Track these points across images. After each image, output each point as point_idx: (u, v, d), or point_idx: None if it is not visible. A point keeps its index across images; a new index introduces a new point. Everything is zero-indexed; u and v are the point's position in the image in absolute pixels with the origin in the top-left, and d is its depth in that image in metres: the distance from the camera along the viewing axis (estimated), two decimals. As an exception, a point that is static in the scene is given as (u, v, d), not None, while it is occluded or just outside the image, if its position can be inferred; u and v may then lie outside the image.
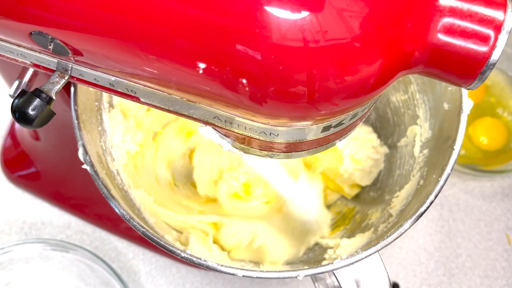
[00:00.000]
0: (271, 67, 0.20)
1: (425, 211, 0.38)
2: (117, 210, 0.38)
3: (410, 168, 0.47)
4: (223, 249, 0.51)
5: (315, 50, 0.20)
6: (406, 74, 0.23)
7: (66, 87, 0.35)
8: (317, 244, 0.52)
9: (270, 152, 0.28)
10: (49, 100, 0.26)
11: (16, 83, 0.39)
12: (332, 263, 0.37)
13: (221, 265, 0.37)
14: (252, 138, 0.26)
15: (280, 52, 0.19)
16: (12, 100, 0.28)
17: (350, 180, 0.53)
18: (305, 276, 0.37)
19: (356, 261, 0.37)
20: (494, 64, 0.22)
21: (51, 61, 0.26)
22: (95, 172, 0.39)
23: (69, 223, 0.59)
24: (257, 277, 0.37)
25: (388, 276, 0.38)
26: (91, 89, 0.42)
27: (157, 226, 0.45)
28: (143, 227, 0.37)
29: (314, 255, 0.50)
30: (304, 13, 0.19)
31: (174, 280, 0.58)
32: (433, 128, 0.45)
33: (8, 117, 0.63)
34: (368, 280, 0.38)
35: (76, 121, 0.38)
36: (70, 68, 0.26)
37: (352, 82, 0.21)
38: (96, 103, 0.44)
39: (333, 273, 0.38)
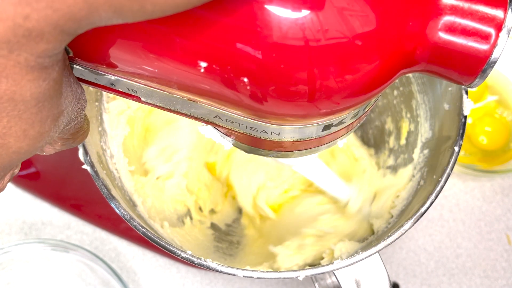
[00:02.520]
0: (272, 65, 0.20)
1: (425, 211, 0.38)
2: (117, 210, 0.38)
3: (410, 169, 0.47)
4: None
5: (316, 49, 0.20)
6: (407, 72, 0.23)
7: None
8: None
9: (271, 151, 0.28)
10: None
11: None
12: (332, 263, 0.37)
13: (221, 265, 0.37)
14: (253, 137, 0.26)
15: (281, 51, 0.20)
16: None
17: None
18: (305, 276, 0.37)
19: (356, 261, 0.37)
20: (495, 62, 0.22)
21: None
22: (95, 172, 0.39)
23: (69, 223, 0.59)
24: (257, 277, 0.37)
25: (388, 276, 0.38)
26: (91, 89, 0.42)
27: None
28: (143, 227, 0.37)
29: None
30: (305, 12, 0.19)
31: (174, 280, 0.58)
32: (433, 128, 0.46)
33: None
34: (368, 280, 0.38)
35: (76, 121, 0.38)
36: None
37: (353, 81, 0.21)
38: (96, 103, 0.44)
39: (333, 273, 0.38)
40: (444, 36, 0.22)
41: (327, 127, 0.24)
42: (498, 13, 0.22)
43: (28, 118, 0.19)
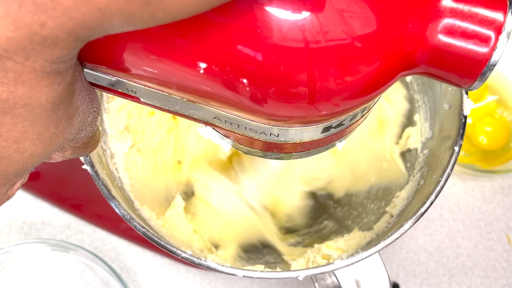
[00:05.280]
0: (272, 67, 0.20)
1: (425, 211, 0.38)
2: (117, 210, 0.38)
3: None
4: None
5: (316, 50, 0.20)
6: (407, 74, 0.23)
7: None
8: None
9: (271, 153, 0.28)
10: None
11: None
12: (332, 263, 0.37)
13: (221, 265, 0.37)
14: (252, 138, 0.26)
15: (281, 53, 0.20)
16: None
17: None
18: (305, 276, 0.37)
19: (356, 261, 0.37)
20: (494, 65, 0.22)
21: None
22: (95, 172, 0.39)
23: (69, 223, 0.59)
24: (257, 277, 0.37)
25: (388, 276, 0.38)
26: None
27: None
28: (143, 227, 0.37)
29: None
30: (305, 14, 0.19)
31: (174, 280, 0.58)
32: (433, 128, 0.46)
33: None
34: (368, 280, 0.38)
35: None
36: None
37: (353, 83, 0.21)
38: (96, 103, 0.44)
39: (333, 273, 0.38)
40: (443, 38, 0.22)
41: (326, 129, 0.24)
42: (497, 16, 0.22)
43: (43, 121, 0.20)
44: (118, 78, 0.24)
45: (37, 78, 0.18)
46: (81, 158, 0.39)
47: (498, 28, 0.21)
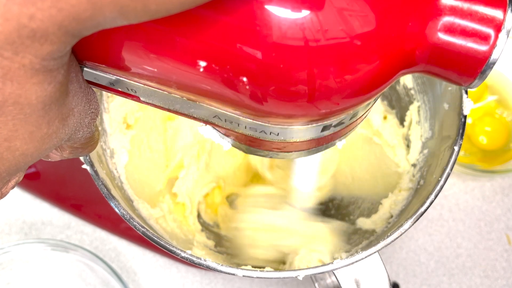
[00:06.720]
0: (271, 66, 0.20)
1: (425, 211, 0.38)
2: (117, 210, 0.38)
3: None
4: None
5: (315, 49, 0.20)
6: (406, 73, 0.23)
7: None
8: None
9: (271, 152, 0.28)
10: None
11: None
12: (332, 263, 0.37)
13: (221, 265, 0.37)
14: (252, 137, 0.26)
15: (280, 51, 0.20)
16: None
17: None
18: (305, 276, 0.37)
19: (356, 261, 0.37)
20: (494, 63, 0.22)
21: None
22: (95, 172, 0.39)
23: (69, 223, 0.59)
24: (257, 277, 0.37)
25: (388, 276, 0.38)
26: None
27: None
28: (143, 227, 0.37)
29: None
30: (305, 12, 0.19)
31: (174, 280, 0.58)
32: (433, 128, 0.46)
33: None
34: (368, 280, 0.38)
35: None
36: None
37: (352, 81, 0.21)
38: (96, 103, 0.44)
39: (333, 273, 0.38)
40: (443, 36, 0.22)
41: (326, 127, 0.24)
42: (497, 13, 0.22)
43: (34, 120, 0.19)
44: (118, 77, 0.24)
45: (26, 75, 0.18)
46: (81, 158, 0.39)
47: (497, 26, 0.21)
